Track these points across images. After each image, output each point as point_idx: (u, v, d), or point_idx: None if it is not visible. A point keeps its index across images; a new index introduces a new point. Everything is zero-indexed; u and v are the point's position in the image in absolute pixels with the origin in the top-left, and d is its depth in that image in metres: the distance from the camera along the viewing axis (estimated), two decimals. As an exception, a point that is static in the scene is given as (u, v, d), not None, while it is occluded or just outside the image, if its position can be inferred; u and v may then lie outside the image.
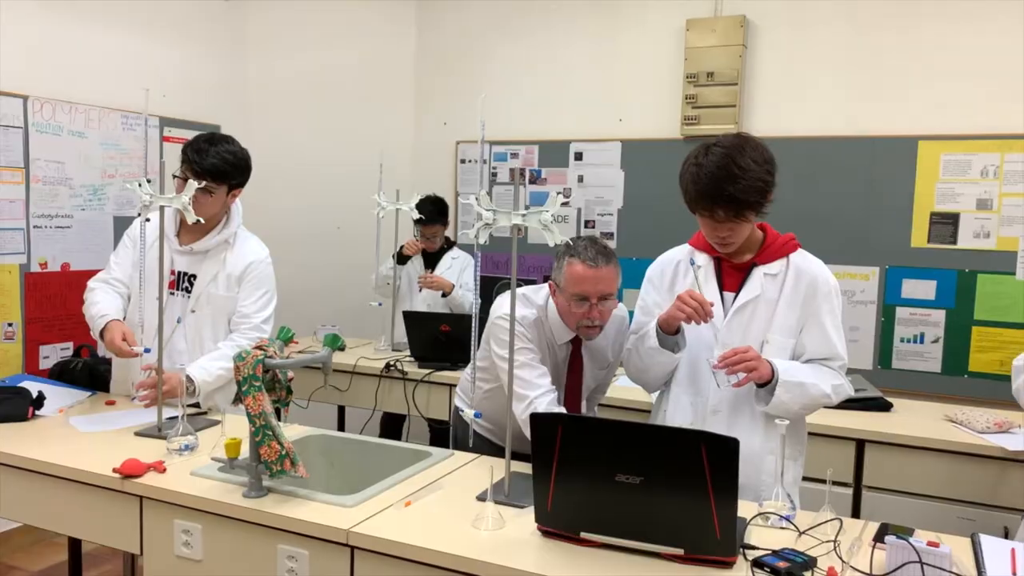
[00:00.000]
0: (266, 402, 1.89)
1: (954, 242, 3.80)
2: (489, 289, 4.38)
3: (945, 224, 3.81)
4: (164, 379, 2.34)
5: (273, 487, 1.92)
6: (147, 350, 2.42)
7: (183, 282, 2.62)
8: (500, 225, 1.88)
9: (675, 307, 2.01)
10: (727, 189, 1.92)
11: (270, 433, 1.87)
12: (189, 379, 2.46)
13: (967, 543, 1.73)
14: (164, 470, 2.03)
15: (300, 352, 3.49)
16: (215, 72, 4.46)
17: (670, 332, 2.08)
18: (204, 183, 2.42)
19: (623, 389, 3.02)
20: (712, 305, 2.00)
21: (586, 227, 4.64)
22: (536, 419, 1.66)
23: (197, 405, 2.56)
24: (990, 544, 1.70)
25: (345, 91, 4.89)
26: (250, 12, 4.63)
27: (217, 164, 2.50)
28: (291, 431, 2.42)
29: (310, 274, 4.74)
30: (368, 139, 4.69)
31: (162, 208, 2.29)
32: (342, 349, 3.89)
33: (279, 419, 2.03)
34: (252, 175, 2.66)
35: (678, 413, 2.15)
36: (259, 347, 1.96)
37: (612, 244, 4.55)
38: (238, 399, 1.95)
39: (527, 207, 1.82)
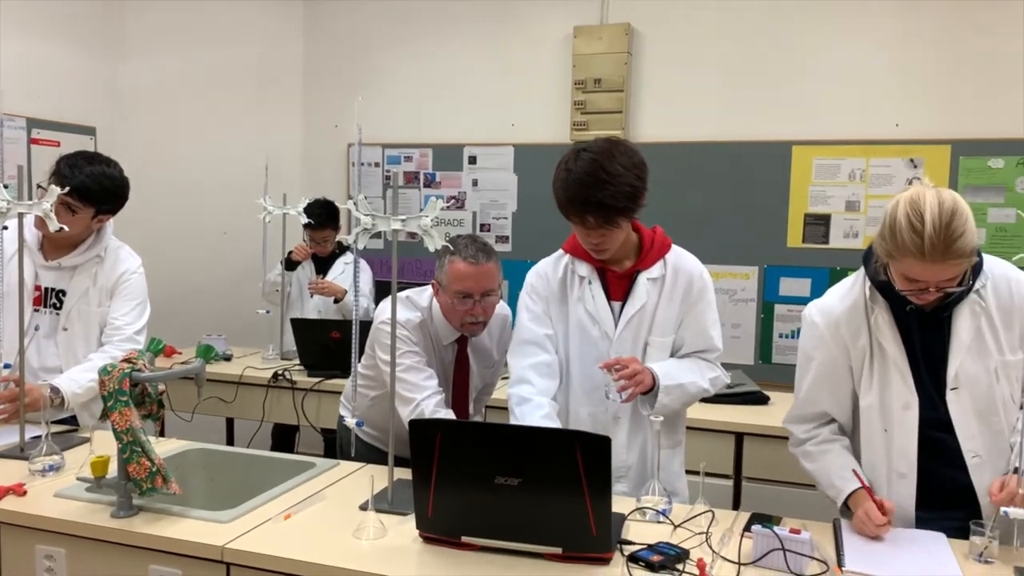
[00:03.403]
0: (134, 417, 1.81)
1: (826, 242, 4.01)
2: (386, 294, 4.33)
3: (818, 225, 4.02)
4: (25, 391, 2.21)
5: (144, 505, 1.84)
6: (7, 365, 2.28)
7: (50, 298, 2.48)
8: (379, 230, 1.86)
9: None
10: (596, 195, 1.91)
11: (139, 449, 1.79)
12: (55, 391, 2.33)
13: (830, 528, 1.82)
14: (24, 493, 1.91)
15: (183, 363, 3.37)
16: (90, 72, 4.25)
17: None
18: (67, 195, 2.28)
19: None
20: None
21: (481, 230, 4.66)
22: (415, 426, 1.65)
23: (70, 420, 2.43)
24: (849, 528, 1.79)
25: (230, 92, 4.74)
26: (129, 11, 4.43)
27: (87, 184, 2.36)
28: (169, 445, 2.34)
29: (195, 281, 4.58)
30: (255, 142, 4.57)
31: (21, 216, 2.16)
32: (228, 359, 3.82)
33: (154, 434, 1.95)
34: (132, 179, 2.53)
35: (579, 426, 2.13)
36: (127, 360, 1.87)
37: (507, 247, 4.62)
38: (105, 415, 1.86)
39: (421, 211, 1.81)
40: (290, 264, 4.08)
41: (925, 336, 1.77)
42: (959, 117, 3.81)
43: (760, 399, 3.19)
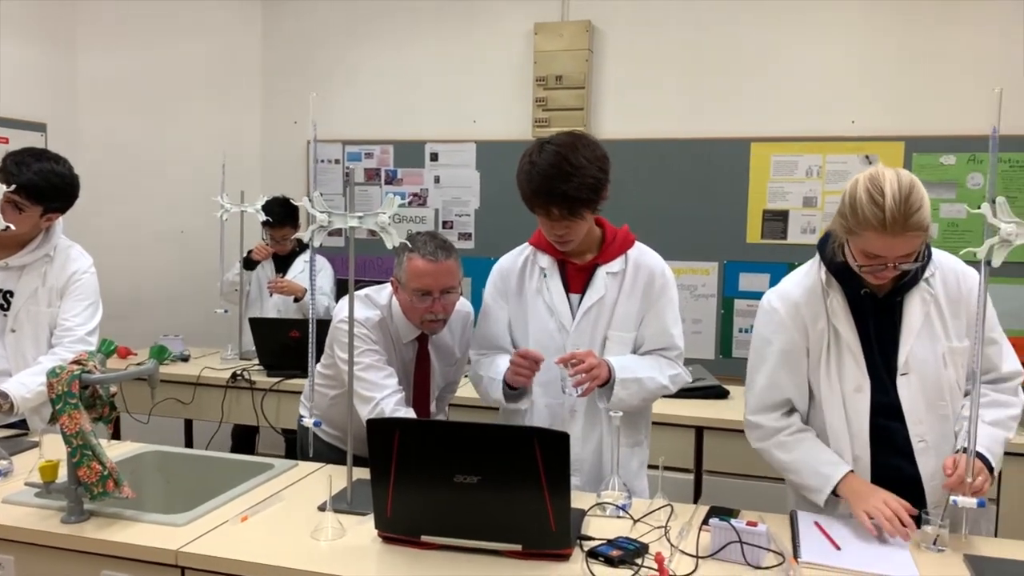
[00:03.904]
0: (84, 420, 1.77)
1: (784, 237, 4.06)
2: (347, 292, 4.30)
3: (776, 221, 4.07)
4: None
5: (96, 510, 1.81)
6: (-48, 369, 2.21)
7: None
8: (336, 227, 1.84)
9: (513, 372, 2.02)
10: (560, 187, 1.94)
11: (89, 453, 1.75)
12: (3, 396, 2.27)
13: (787, 519, 1.85)
14: (-30, 500, 1.86)
15: (138, 365, 3.30)
16: (40, 66, 4.14)
17: (515, 387, 2.10)
18: (13, 193, 2.23)
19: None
20: (543, 359, 2.02)
21: (444, 227, 4.64)
22: (372, 425, 1.64)
23: (20, 424, 2.37)
24: (805, 519, 1.82)
25: (187, 89, 4.65)
26: (81, 5, 4.33)
27: (36, 181, 2.30)
28: (123, 448, 2.30)
29: (152, 281, 4.50)
30: (213, 139, 4.49)
31: (-36, 214, 2.10)
32: (186, 360, 3.75)
33: (106, 437, 1.91)
34: (85, 177, 2.48)
35: (535, 418, 2.16)
36: (76, 361, 1.83)
37: (470, 244, 4.61)
38: (54, 418, 1.81)
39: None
40: (249, 263, 4.02)
41: (878, 321, 1.81)
42: (912, 114, 3.89)
43: (720, 393, 3.22)
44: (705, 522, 1.74)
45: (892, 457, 1.82)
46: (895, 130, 3.89)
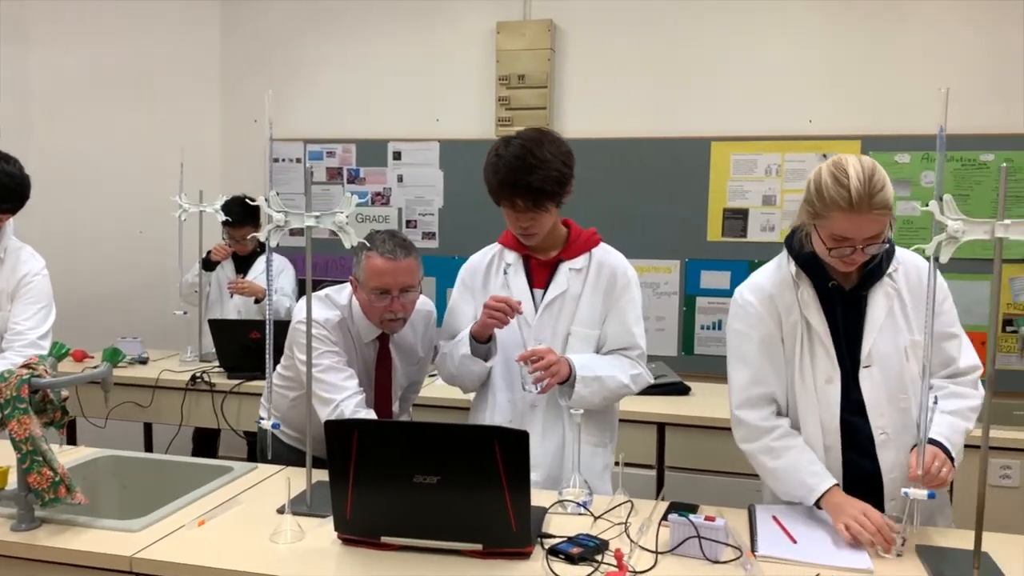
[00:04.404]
0: (35, 425, 1.73)
1: (744, 235, 4.11)
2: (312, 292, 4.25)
3: (736, 219, 4.12)
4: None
5: (47, 517, 1.77)
6: None
7: None
8: (293, 227, 1.83)
9: (485, 315, 2.04)
10: (526, 178, 2.00)
11: (40, 459, 1.71)
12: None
13: (746, 514, 1.87)
14: (-85, 509, 1.81)
15: (94, 368, 3.24)
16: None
17: (483, 340, 2.11)
18: None
19: (441, 388, 3.02)
20: (520, 303, 2.05)
21: (407, 227, 4.62)
22: (331, 426, 1.62)
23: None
24: (764, 513, 1.85)
25: (144, 87, 4.57)
26: (35, 3, 4.22)
27: None
28: (78, 453, 2.25)
29: (109, 282, 4.41)
30: (171, 137, 4.42)
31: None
32: (144, 362, 3.69)
33: (59, 442, 1.87)
34: (38, 177, 2.42)
35: (496, 412, 2.18)
36: (26, 365, 1.79)
37: (435, 243, 4.59)
38: (3, 424, 1.77)
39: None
40: (208, 264, 3.97)
41: (844, 313, 1.83)
42: (868, 114, 3.96)
43: (682, 390, 3.25)
44: (665, 518, 1.76)
45: (855, 455, 1.83)
46: (851, 129, 3.95)
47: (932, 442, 1.69)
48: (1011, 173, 3.77)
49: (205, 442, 4.13)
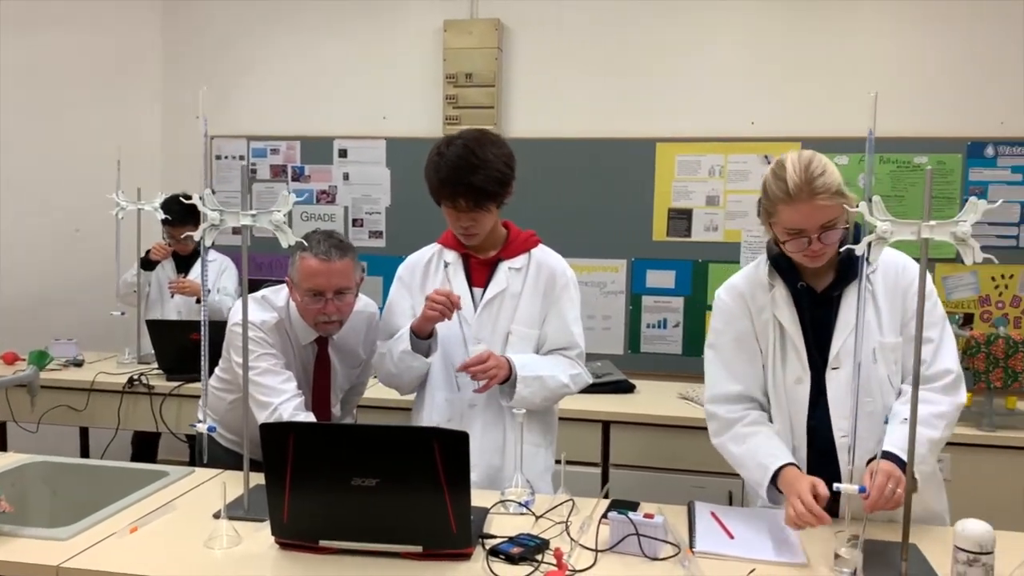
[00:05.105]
0: (-45, 432, 1.67)
1: (689, 235, 4.17)
2: (251, 291, 4.19)
3: (681, 219, 4.17)
4: None
5: (-30, 527, 1.70)
6: None
7: None
8: (229, 226, 1.79)
9: (426, 308, 2.03)
10: (467, 178, 2.00)
11: (-39, 467, 1.65)
12: None
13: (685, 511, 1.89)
14: None
15: (21, 371, 3.13)
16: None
17: (423, 336, 2.10)
18: None
19: (385, 389, 3.00)
20: (459, 298, 2.04)
21: (354, 225, 4.58)
22: (266, 429, 1.60)
23: None
24: (702, 510, 1.87)
25: (81, 82, 4.43)
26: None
27: None
28: (5, 460, 2.18)
29: (44, 283, 4.27)
30: (109, 134, 4.30)
31: None
32: (80, 364, 3.58)
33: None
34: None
35: (435, 412, 2.17)
36: (-53, 370, 1.72)
37: (381, 242, 4.55)
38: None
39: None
40: (147, 264, 3.87)
41: (815, 315, 1.84)
42: (807, 117, 4.04)
43: (626, 388, 3.28)
44: (605, 516, 1.77)
45: (818, 458, 1.81)
46: (791, 131, 4.03)
47: (888, 455, 1.65)
48: (943, 175, 3.90)
49: (145, 446, 4.03)
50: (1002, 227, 3.86)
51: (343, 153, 4.58)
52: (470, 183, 2.00)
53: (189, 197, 1.76)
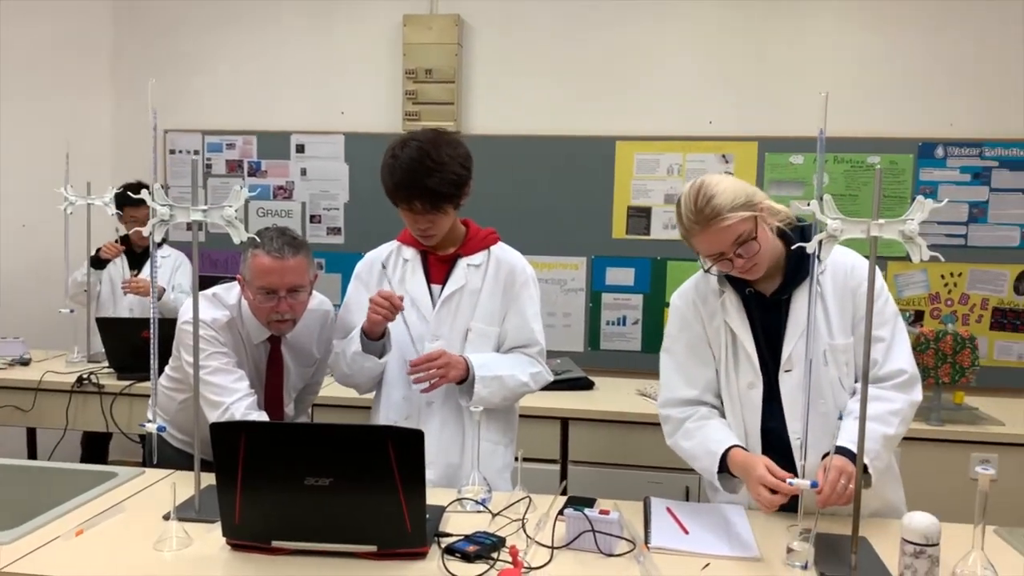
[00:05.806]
0: None
1: (648, 233, 4.19)
2: (207, 287, 4.11)
3: (640, 217, 4.20)
4: None
5: (-95, 532, 1.64)
6: None
7: None
8: (179, 221, 1.75)
9: (369, 311, 2.00)
10: (423, 181, 1.97)
11: None
12: None
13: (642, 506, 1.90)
14: None
15: (-32, 370, 3.04)
16: None
17: (375, 337, 2.07)
18: None
19: (344, 387, 2.97)
20: (401, 299, 2.02)
21: (311, 222, 4.52)
22: (216, 429, 1.56)
23: None
24: (658, 505, 1.88)
25: (27, 73, 4.31)
26: None
27: None
28: (-55, 462, 2.10)
29: (-11, 279, 4.16)
30: (57, 127, 4.19)
31: None
32: (26, 363, 3.49)
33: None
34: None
35: (392, 410, 2.15)
36: None
37: (340, 239, 4.50)
38: None
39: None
40: (98, 262, 3.78)
41: (766, 319, 1.86)
42: (764, 117, 4.09)
43: (586, 384, 3.29)
44: (561, 512, 1.77)
45: (775, 454, 1.79)
46: (749, 131, 4.08)
47: (841, 451, 1.67)
48: (895, 175, 3.97)
49: (95, 447, 3.94)
50: (951, 226, 3.95)
51: (300, 148, 4.52)
52: (425, 186, 1.97)
53: (145, 186, 1.72)
